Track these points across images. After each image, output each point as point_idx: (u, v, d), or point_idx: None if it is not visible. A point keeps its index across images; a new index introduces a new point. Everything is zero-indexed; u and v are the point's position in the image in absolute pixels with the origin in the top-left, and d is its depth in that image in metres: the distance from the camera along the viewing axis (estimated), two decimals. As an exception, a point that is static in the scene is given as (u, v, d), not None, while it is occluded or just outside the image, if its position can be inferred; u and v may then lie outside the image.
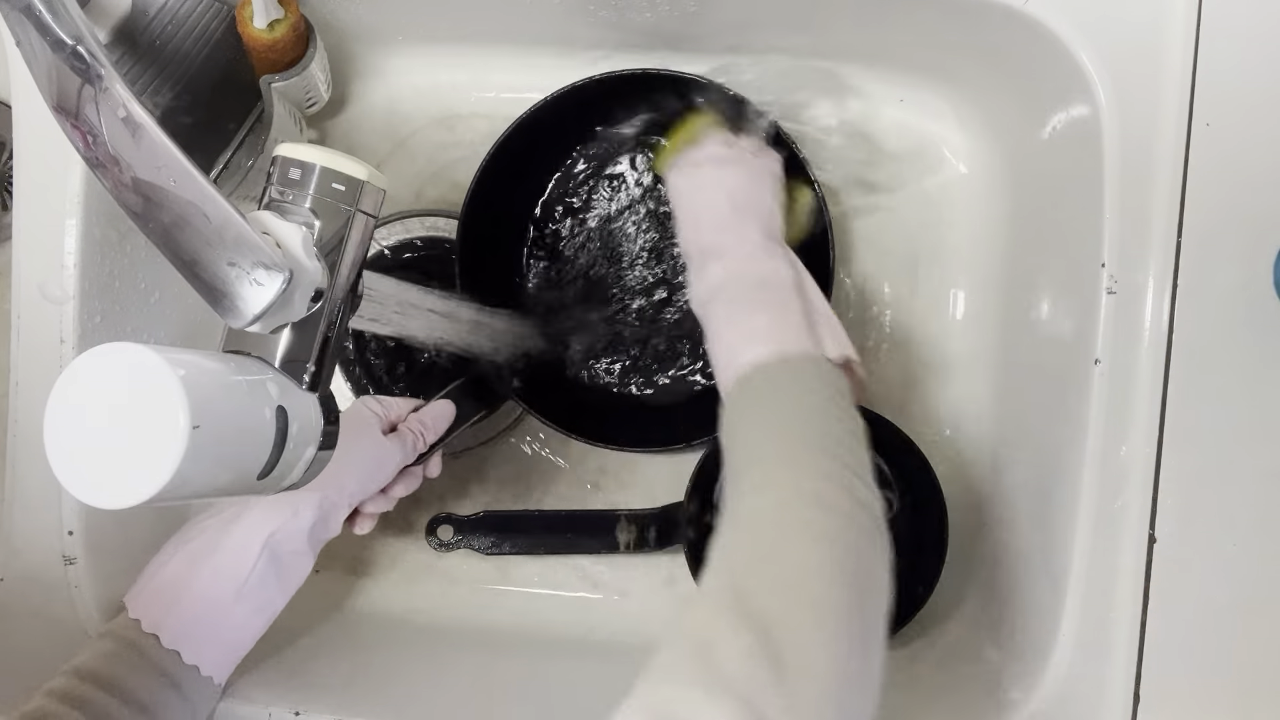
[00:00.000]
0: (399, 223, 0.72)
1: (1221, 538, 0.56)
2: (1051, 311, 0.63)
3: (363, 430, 0.60)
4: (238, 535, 0.56)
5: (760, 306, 0.54)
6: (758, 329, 0.52)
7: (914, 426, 0.73)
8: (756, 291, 0.55)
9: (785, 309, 0.54)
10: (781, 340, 0.52)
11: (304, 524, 0.56)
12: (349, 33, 0.70)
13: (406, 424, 0.62)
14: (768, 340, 0.52)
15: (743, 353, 0.52)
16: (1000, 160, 0.71)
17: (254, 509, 0.56)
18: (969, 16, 0.61)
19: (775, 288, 0.55)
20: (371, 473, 0.59)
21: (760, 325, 0.53)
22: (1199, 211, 0.56)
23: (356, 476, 0.58)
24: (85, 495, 0.36)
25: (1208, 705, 0.56)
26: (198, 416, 0.36)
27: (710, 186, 0.60)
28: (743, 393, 0.51)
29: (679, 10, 0.64)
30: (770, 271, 0.56)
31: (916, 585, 0.66)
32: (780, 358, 0.51)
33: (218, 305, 0.40)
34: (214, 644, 0.55)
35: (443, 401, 0.65)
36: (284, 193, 0.44)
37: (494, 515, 0.72)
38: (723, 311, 0.55)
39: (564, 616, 0.73)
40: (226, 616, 0.55)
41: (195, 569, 0.55)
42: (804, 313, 0.54)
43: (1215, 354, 0.56)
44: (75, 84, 0.40)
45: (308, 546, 0.57)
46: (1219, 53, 0.55)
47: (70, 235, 0.60)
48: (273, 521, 0.56)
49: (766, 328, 0.52)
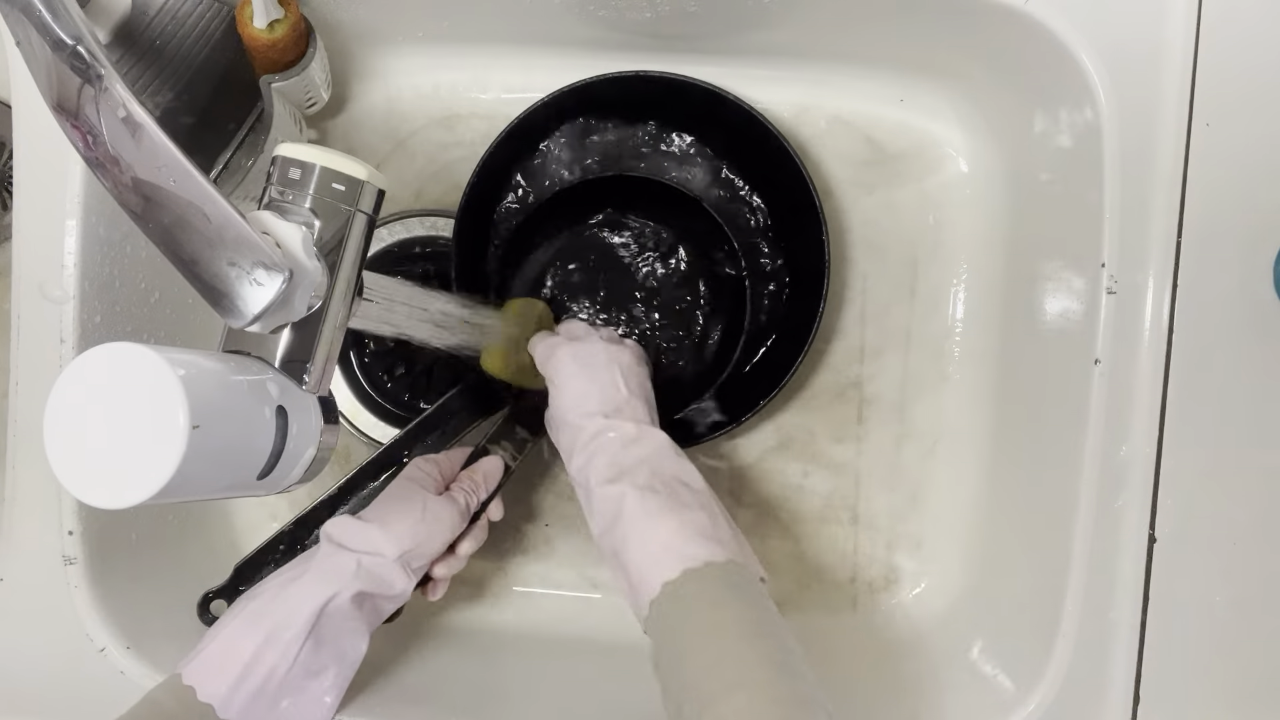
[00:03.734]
0: (399, 223, 0.72)
1: (1221, 538, 0.56)
2: (1051, 311, 0.63)
3: (414, 494, 0.59)
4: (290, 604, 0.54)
5: (694, 504, 0.52)
6: (699, 525, 0.51)
7: (913, 426, 0.73)
8: (680, 489, 0.53)
9: (715, 513, 0.53)
10: (720, 540, 0.50)
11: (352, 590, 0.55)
12: (349, 33, 0.70)
13: (458, 483, 0.62)
14: (712, 539, 0.50)
15: (689, 547, 0.49)
16: (1000, 160, 0.71)
17: (305, 578, 0.55)
18: (969, 16, 0.61)
19: (698, 490, 0.54)
20: (430, 535, 0.58)
21: (702, 522, 0.51)
22: (1199, 211, 0.56)
23: (414, 540, 0.57)
24: (85, 495, 0.36)
25: (1208, 705, 0.56)
26: (198, 416, 0.36)
27: (603, 363, 0.60)
28: (690, 589, 0.48)
29: (679, 10, 0.64)
30: (688, 473, 0.55)
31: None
32: (727, 561, 0.49)
33: (218, 305, 0.40)
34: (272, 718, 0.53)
35: (491, 457, 0.64)
36: (284, 193, 0.44)
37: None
38: (644, 501, 0.52)
39: (564, 616, 0.73)
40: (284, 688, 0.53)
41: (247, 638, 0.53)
42: (727, 522, 0.53)
43: (1215, 354, 0.56)
44: (75, 84, 0.40)
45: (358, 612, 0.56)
46: (1219, 53, 0.55)
47: (70, 235, 0.60)
48: (325, 592, 0.54)
49: (707, 526, 0.51)
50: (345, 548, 0.56)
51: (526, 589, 0.74)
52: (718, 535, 0.51)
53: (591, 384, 0.59)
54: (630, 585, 0.51)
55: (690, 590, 0.48)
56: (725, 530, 0.52)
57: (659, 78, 0.67)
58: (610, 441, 0.56)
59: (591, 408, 0.58)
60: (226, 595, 0.64)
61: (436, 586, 0.62)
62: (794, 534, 0.73)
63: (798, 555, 0.73)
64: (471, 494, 0.62)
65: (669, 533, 0.51)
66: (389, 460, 0.65)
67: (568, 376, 0.60)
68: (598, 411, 0.58)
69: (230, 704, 0.51)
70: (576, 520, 0.75)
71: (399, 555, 0.56)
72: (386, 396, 0.74)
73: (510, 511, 0.74)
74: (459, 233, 0.68)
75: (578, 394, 0.59)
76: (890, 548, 0.73)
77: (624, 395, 0.58)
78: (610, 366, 0.60)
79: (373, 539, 0.56)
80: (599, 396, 0.58)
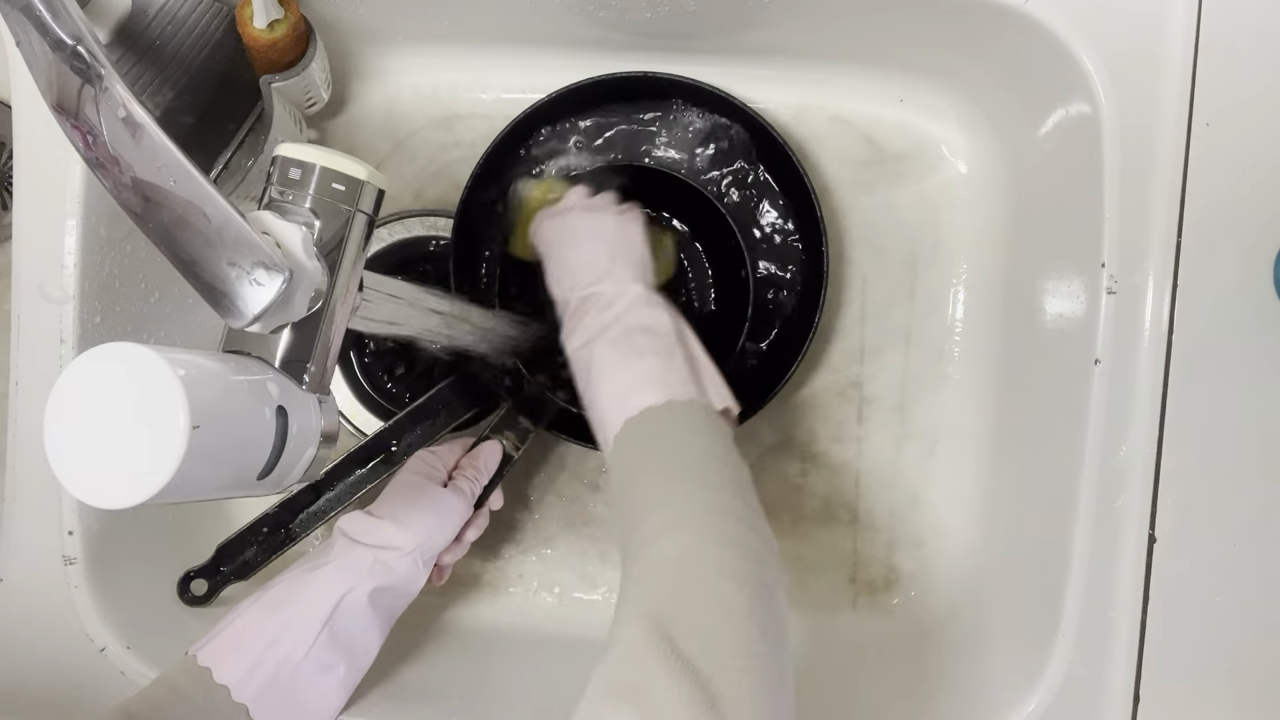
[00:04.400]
0: (399, 223, 0.72)
1: (1221, 538, 0.56)
2: (1051, 311, 0.63)
3: (423, 488, 0.61)
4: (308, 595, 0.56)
5: (646, 352, 0.54)
6: (645, 373, 0.52)
7: (913, 426, 0.73)
8: (641, 337, 0.55)
9: (671, 356, 0.54)
10: (669, 385, 0.52)
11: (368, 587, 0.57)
12: (349, 33, 0.70)
13: (460, 472, 0.63)
14: (657, 385, 0.52)
15: (632, 396, 0.51)
16: (1000, 160, 0.71)
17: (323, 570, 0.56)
18: (969, 16, 0.61)
19: (660, 335, 0.55)
20: (441, 526, 0.60)
21: (648, 370, 0.53)
22: (1199, 211, 0.56)
23: (426, 533, 0.59)
24: (85, 495, 0.36)
25: (1208, 705, 0.56)
26: (198, 416, 0.36)
27: (586, 235, 0.60)
28: (635, 436, 0.51)
29: (679, 10, 0.64)
30: (654, 319, 0.56)
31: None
32: (670, 401, 0.51)
33: (218, 305, 0.40)
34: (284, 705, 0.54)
35: (490, 442, 0.65)
36: (284, 193, 0.44)
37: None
38: (606, 354, 0.54)
39: (564, 616, 0.73)
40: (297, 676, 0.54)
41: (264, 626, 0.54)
42: (687, 361, 0.54)
43: (1215, 354, 0.56)
44: (75, 84, 0.40)
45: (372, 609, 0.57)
46: (1219, 53, 0.55)
47: (70, 235, 0.60)
48: (341, 586, 0.56)
49: (655, 372, 0.52)
50: (360, 543, 0.58)
51: (526, 589, 0.74)
52: (668, 379, 0.52)
53: (574, 256, 0.60)
54: (603, 440, 0.53)
55: (628, 437, 0.51)
56: (680, 372, 0.53)
57: (660, 79, 0.67)
58: (590, 309, 0.57)
59: (576, 280, 0.59)
60: (207, 575, 0.66)
61: (443, 573, 0.63)
62: (794, 534, 0.73)
63: (798, 555, 0.73)
64: (474, 481, 0.63)
65: (619, 384, 0.52)
66: (377, 448, 0.66)
67: (554, 252, 0.61)
68: (582, 283, 0.58)
69: (246, 686, 0.52)
70: (576, 520, 0.75)
71: (413, 549, 0.58)
72: (386, 396, 0.74)
73: (510, 511, 0.74)
74: (458, 233, 0.68)
75: (563, 268, 0.60)
76: (890, 548, 0.73)
77: (605, 265, 0.58)
78: (594, 236, 0.60)
79: (388, 534, 0.58)
80: (581, 268, 0.59)
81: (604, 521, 0.75)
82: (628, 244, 0.60)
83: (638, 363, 0.53)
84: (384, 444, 0.66)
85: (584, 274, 0.58)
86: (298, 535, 0.66)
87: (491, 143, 0.67)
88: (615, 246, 0.60)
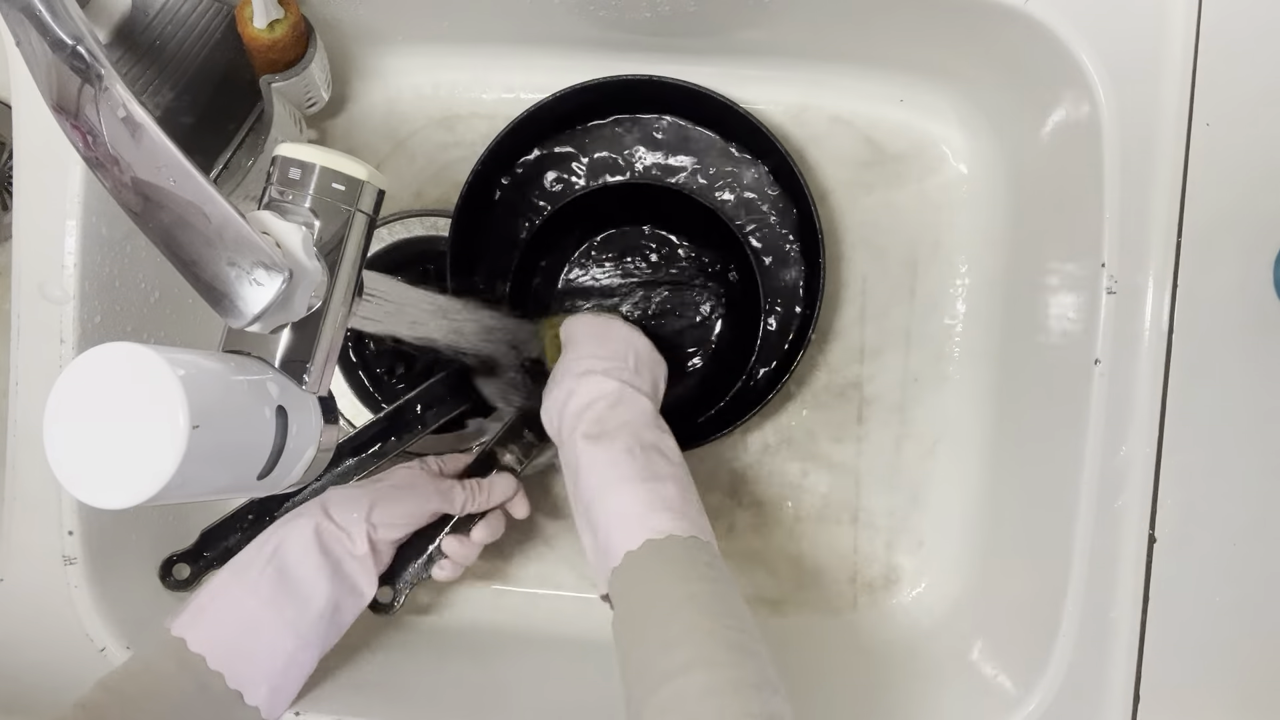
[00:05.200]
0: (399, 223, 0.72)
1: (1221, 538, 0.56)
2: (1051, 311, 0.63)
3: (398, 469, 0.62)
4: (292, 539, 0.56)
5: (666, 476, 0.53)
6: (668, 498, 0.51)
7: (913, 427, 0.73)
8: (657, 458, 0.54)
9: (686, 487, 0.53)
10: (688, 516, 0.51)
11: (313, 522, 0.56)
12: (349, 33, 0.70)
13: (466, 481, 0.62)
14: (675, 514, 0.51)
15: (653, 518, 0.50)
16: (1000, 160, 0.71)
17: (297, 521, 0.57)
18: (969, 16, 0.61)
19: (675, 463, 0.55)
20: (398, 499, 0.59)
21: (671, 495, 0.52)
22: (1199, 211, 0.56)
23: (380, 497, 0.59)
24: (85, 495, 0.36)
25: (1208, 705, 0.56)
26: (198, 416, 0.36)
27: (620, 337, 0.61)
28: (651, 565, 0.49)
29: (679, 10, 0.64)
30: (668, 445, 0.56)
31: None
32: (692, 534, 0.50)
33: (218, 305, 0.40)
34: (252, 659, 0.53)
35: (506, 477, 0.64)
36: (284, 193, 0.44)
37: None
38: (623, 462, 0.53)
39: (564, 616, 0.73)
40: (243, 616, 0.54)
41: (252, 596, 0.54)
42: (697, 500, 0.54)
43: (1215, 354, 0.56)
44: (75, 84, 0.40)
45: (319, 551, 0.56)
46: (1219, 53, 0.55)
47: (70, 235, 0.60)
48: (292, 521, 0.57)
49: (673, 500, 0.51)
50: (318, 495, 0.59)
51: (526, 589, 0.74)
52: (686, 510, 0.51)
53: (601, 347, 0.60)
54: (596, 547, 0.52)
55: (652, 561, 0.49)
56: (694, 507, 0.53)
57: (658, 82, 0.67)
58: (600, 400, 0.56)
59: (594, 365, 0.58)
60: (190, 559, 0.66)
61: (444, 565, 0.62)
62: (794, 534, 0.73)
63: (798, 555, 0.73)
64: (472, 494, 0.62)
65: (638, 500, 0.51)
66: (367, 439, 0.66)
67: (581, 336, 0.61)
68: (599, 370, 0.58)
69: (215, 649, 0.52)
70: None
71: (366, 510, 0.57)
72: (387, 396, 0.74)
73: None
74: (455, 233, 0.68)
75: (585, 352, 0.59)
76: (890, 548, 0.73)
77: (629, 368, 0.59)
78: (627, 341, 0.60)
79: (343, 490, 0.59)
80: (604, 358, 0.59)
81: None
82: (655, 363, 0.61)
83: (658, 485, 0.52)
84: (374, 436, 0.66)
85: (605, 363, 0.58)
86: (283, 523, 0.66)
87: (491, 143, 0.67)
88: (641, 362, 0.60)
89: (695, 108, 0.69)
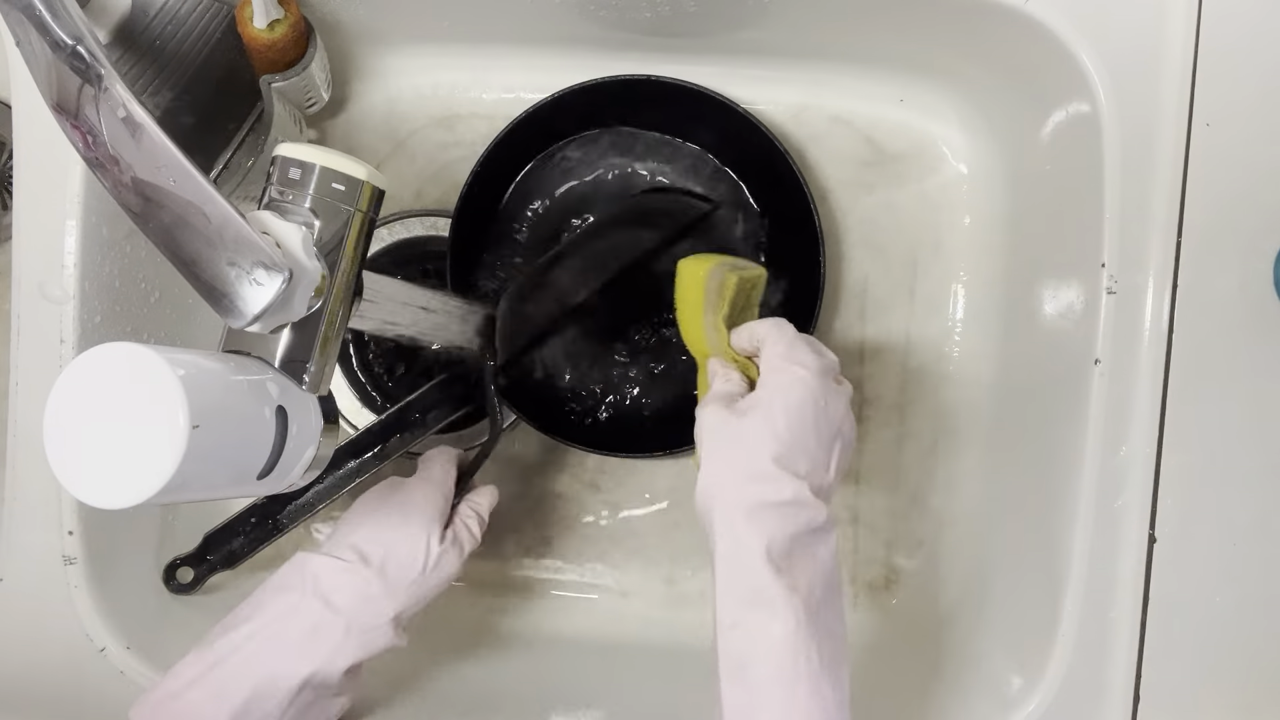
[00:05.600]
0: (399, 223, 0.72)
1: (1221, 538, 0.56)
2: (1051, 311, 0.63)
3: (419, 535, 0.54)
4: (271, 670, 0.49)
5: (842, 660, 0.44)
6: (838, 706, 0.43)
7: (914, 427, 0.73)
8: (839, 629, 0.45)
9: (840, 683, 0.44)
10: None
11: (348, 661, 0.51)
12: (349, 33, 0.70)
13: (460, 517, 0.58)
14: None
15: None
16: (1000, 160, 0.71)
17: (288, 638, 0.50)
18: (969, 16, 0.61)
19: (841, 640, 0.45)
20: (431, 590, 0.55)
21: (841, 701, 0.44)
22: (1199, 211, 0.56)
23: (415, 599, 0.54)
24: (85, 495, 0.36)
25: (1208, 705, 0.56)
26: (198, 416, 0.36)
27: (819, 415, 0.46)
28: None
29: (679, 10, 0.64)
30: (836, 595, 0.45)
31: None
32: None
33: (218, 305, 0.40)
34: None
35: (489, 487, 0.62)
36: (284, 193, 0.44)
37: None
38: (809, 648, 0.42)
39: (564, 616, 0.73)
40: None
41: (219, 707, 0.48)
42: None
43: (1215, 354, 0.56)
44: (75, 84, 0.40)
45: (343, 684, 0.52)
46: (1219, 53, 0.55)
47: (70, 235, 0.60)
48: (311, 663, 0.50)
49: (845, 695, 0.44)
50: (333, 606, 0.51)
51: (526, 589, 0.74)
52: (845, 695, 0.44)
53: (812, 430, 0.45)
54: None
55: None
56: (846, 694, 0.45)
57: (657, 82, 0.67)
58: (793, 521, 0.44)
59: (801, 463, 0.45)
60: (193, 563, 0.66)
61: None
62: (794, 534, 0.73)
63: (798, 555, 0.73)
64: (475, 532, 0.59)
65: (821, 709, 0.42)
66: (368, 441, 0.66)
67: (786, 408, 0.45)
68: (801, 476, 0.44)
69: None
70: (576, 520, 0.75)
71: (395, 615, 0.52)
72: (386, 396, 0.74)
73: (511, 511, 0.74)
74: (455, 232, 0.68)
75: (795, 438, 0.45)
76: (890, 548, 0.73)
77: (833, 464, 0.46)
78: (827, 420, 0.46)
79: (370, 596, 0.52)
80: (807, 459, 0.45)
81: (603, 522, 0.74)
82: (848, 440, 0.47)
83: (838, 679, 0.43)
84: (376, 438, 0.66)
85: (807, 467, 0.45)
86: (285, 527, 0.66)
87: (491, 143, 0.67)
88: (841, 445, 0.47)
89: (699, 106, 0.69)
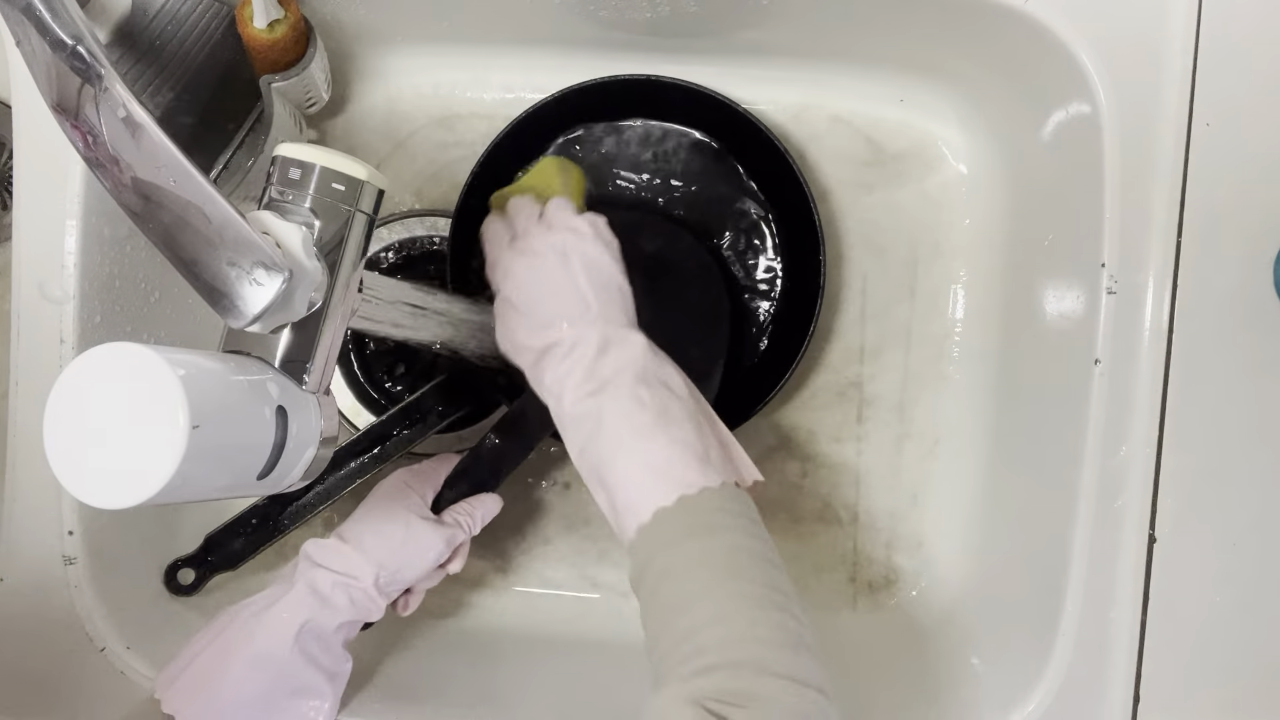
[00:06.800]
0: (399, 223, 0.72)
1: (1221, 538, 0.56)
2: (1051, 311, 0.63)
3: (397, 515, 0.58)
4: (271, 624, 0.53)
5: (681, 418, 0.48)
6: (687, 446, 0.47)
7: (913, 426, 0.73)
8: (668, 399, 0.49)
9: (699, 424, 0.49)
10: (709, 461, 0.47)
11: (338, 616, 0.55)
12: (349, 33, 0.70)
13: (452, 510, 0.61)
14: (695, 460, 0.47)
15: (676, 473, 0.46)
16: (1000, 160, 0.71)
17: (286, 597, 0.55)
18: (969, 16, 0.61)
19: (683, 398, 0.50)
20: (409, 561, 0.57)
21: (690, 439, 0.47)
22: (1199, 211, 0.56)
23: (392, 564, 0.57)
24: (85, 495, 0.36)
25: (1208, 705, 0.56)
26: (198, 416, 0.36)
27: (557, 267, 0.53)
28: (681, 525, 0.46)
29: (679, 10, 0.64)
30: (671, 377, 0.50)
31: None
32: (722, 485, 0.47)
33: (218, 305, 0.40)
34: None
35: (494, 497, 0.63)
36: (284, 193, 0.44)
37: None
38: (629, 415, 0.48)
39: (564, 616, 0.73)
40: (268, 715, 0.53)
41: (229, 661, 0.52)
42: (710, 424, 0.50)
43: (1215, 354, 0.56)
44: (75, 84, 0.40)
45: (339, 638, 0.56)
46: (1219, 53, 0.55)
47: (70, 235, 0.60)
48: (305, 610, 0.54)
49: (689, 443, 0.47)
50: (323, 567, 0.56)
51: (526, 589, 0.74)
52: (708, 454, 0.48)
53: (546, 290, 0.52)
54: (616, 508, 0.48)
55: (682, 519, 0.46)
56: (714, 443, 0.49)
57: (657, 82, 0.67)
58: (582, 355, 0.50)
59: (553, 319, 0.52)
60: (195, 564, 0.66)
61: (409, 601, 0.62)
62: (794, 534, 0.73)
63: (798, 555, 0.73)
64: (465, 527, 0.60)
65: (659, 453, 0.47)
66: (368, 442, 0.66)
67: (519, 291, 0.53)
68: (562, 321, 0.51)
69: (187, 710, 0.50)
70: (576, 520, 0.75)
71: (374, 580, 0.56)
72: (386, 396, 0.74)
73: (510, 511, 0.74)
74: (455, 232, 0.68)
75: (530, 311, 0.52)
76: (890, 548, 0.73)
77: (590, 298, 0.52)
78: (565, 269, 0.52)
79: (350, 562, 0.56)
80: (558, 304, 0.52)
81: (602, 521, 0.74)
82: (608, 272, 0.53)
83: (673, 429, 0.47)
84: (376, 438, 0.66)
85: (564, 310, 0.52)
86: (286, 528, 0.66)
87: (491, 143, 0.67)
88: (594, 274, 0.53)
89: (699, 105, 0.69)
